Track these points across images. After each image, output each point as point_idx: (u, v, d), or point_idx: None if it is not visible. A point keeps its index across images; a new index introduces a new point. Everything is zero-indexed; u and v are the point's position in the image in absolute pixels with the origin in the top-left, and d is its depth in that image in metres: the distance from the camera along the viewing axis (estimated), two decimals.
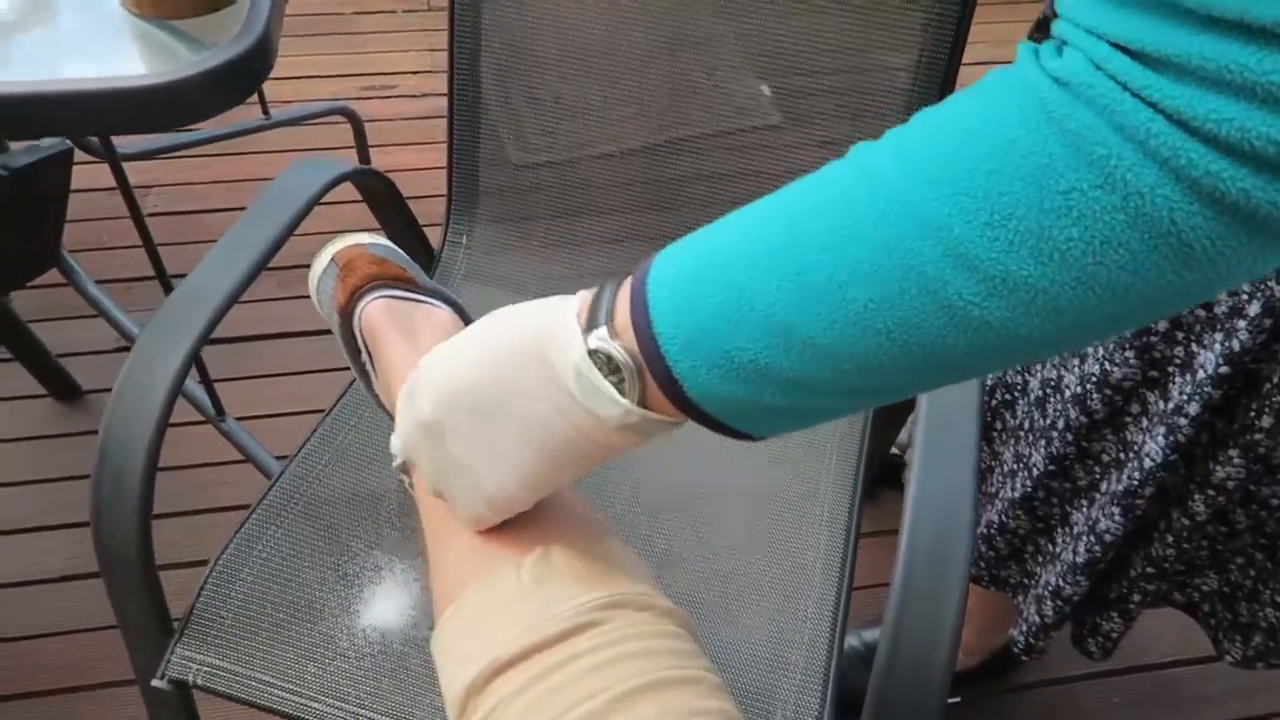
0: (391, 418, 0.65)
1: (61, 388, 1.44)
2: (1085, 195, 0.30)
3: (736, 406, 0.38)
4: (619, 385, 0.38)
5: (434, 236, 1.09)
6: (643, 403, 0.39)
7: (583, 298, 0.41)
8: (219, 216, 1.78)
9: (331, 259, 0.69)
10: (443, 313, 0.64)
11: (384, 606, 0.76)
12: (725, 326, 0.36)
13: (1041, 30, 0.79)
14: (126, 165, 1.19)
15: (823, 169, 0.36)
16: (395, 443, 0.50)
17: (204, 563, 1.25)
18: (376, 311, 0.62)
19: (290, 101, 1.91)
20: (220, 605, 0.74)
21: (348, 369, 0.68)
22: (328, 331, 0.69)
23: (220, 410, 1.21)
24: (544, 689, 0.39)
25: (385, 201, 0.95)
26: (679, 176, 1.05)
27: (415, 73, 2.11)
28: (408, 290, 0.64)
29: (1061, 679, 1.21)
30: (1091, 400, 0.76)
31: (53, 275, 1.38)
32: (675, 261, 0.38)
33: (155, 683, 0.72)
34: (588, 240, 1.06)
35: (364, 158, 1.79)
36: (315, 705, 0.70)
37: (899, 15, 0.89)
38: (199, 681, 0.72)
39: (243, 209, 1.87)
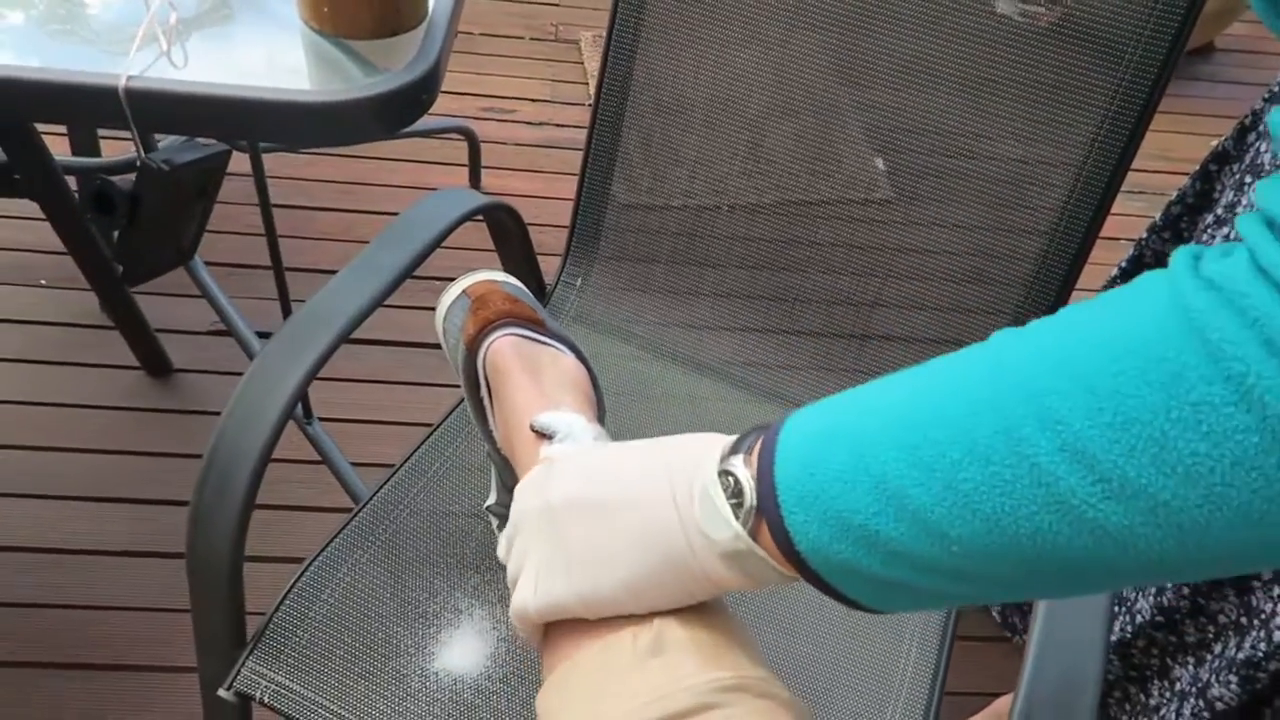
0: (496, 459, 0.64)
1: (154, 362, 1.46)
2: (1217, 410, 0.28)
3: (842, 569, 0.38)
4: (736, 510, 0.40)
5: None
6: (754, 537, 0.39)
7: (732, 437, 0.43)
8: (326, 216, 1.81)
9: (464, 291, 0.69)
10: (569, 359, 0.63)
11: (460, 652, 0.74)
12: (841, 487, 0.36)
13: (1217, 163, 0.77)
14: (237, 154, 1.21)
15: (964, 350, 0.37)
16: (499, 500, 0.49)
17: (268, 559, 1.27)
18: (505, 348, 0.62)
19: None
20: (297, 624, 0.73)
21: (435, 384, 0.67)
22: (415, 344, 0.68)
23: (309, 413, 1.21)
24: None
25: (510, 235, 0.95)
26: (790, 239, 1.04)
27: (535, 100, 2.13)
28: (538, 332, 0.63)
29: None
30: None
31: None
32: (811, 418, 0.40)
33: (222, 693, 0.71)
34: (700, 291, 1.05)
35: (475, 177, 1.81)
36: None
37: (1040, 109, 0.87)
38: (266, 699, 0.71)
39: (349, 211, 1.91)
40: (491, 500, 0.72)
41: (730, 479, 0.40)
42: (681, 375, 1.01)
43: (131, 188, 0.75)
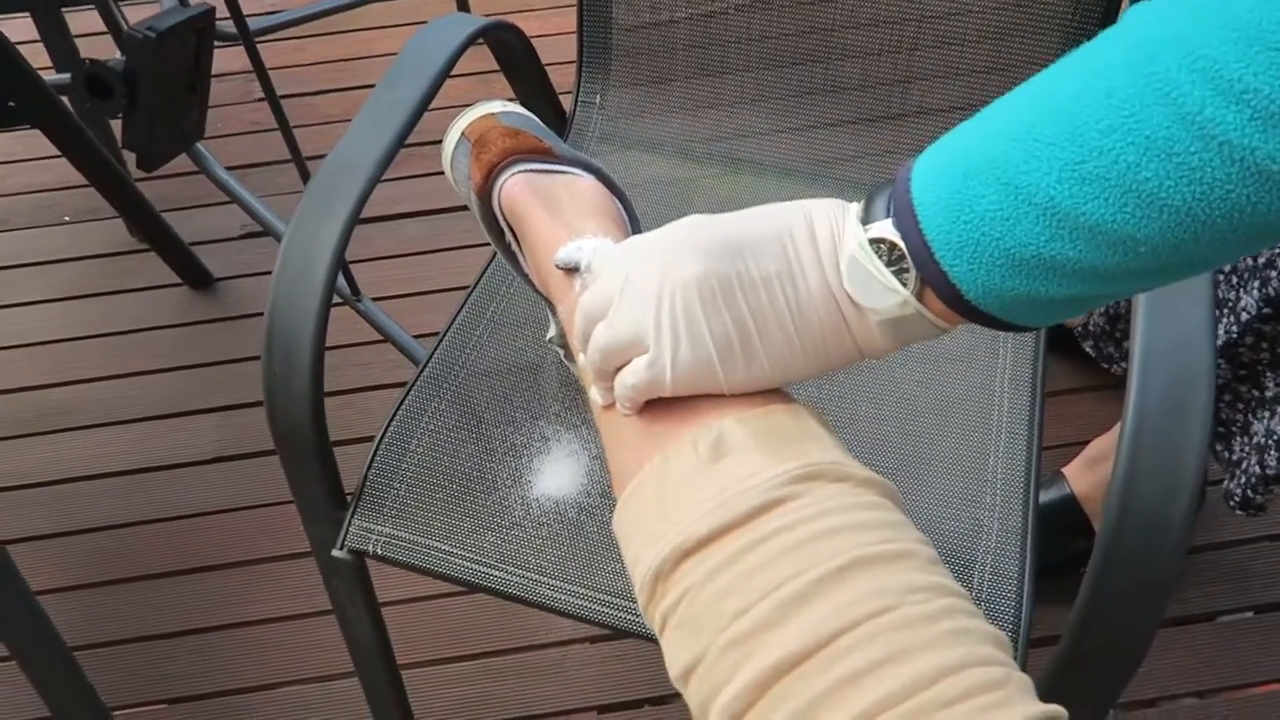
0: (542, 296, 0.62)
1: (195, 275, 1.46)
2: None
3: (1018, 303, 0.37)
4: (901, 277, 0.38)
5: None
6: (919, 298, 0.39)
7: (857, 203, 0.41)
8: (326, 98, 1.76)
9: (463, 134, 0.65)
10: (586, 181, 0.60)
11: (555, 475, 0.74)
12: (1001, 225, 0.35)
13: None
14: (224, 52, 1.16)
15: (1087, 48, 0.34)
16: (600, 291, 0.46)
17: (348, 441, 1.29)
18: (516, 188, 0.58)
19: None
20: (391, 477, 0.74)
21: (474, 245, 0.64)
22: (446, 209, 0.66)
23: (356, 290, 1.20)
24: (738, 572, 0.36)
25: (520, 59, 0.90)
26: (814, 28, 0.97)
27: None
28: (547, 162, 0.60)
29: (1230, 542, 1.16)
30: None
31: (177, 164, 1.38)
32: (937, 163, 0.38)
33: (336, 553, 0.73)
34: (727, 100, 1.00)
35: None
36: (495, 573, 0.70)
37: None
38: (379, 551, 0.72)
39: (350, 89, 1.86)
40: (552, 332, 0.71)
41: (883, 245, 0.38)
42: (722, 176, 0.97)
43: (123, 65, 0.72)
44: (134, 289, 1.50)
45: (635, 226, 0.60)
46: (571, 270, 0.51)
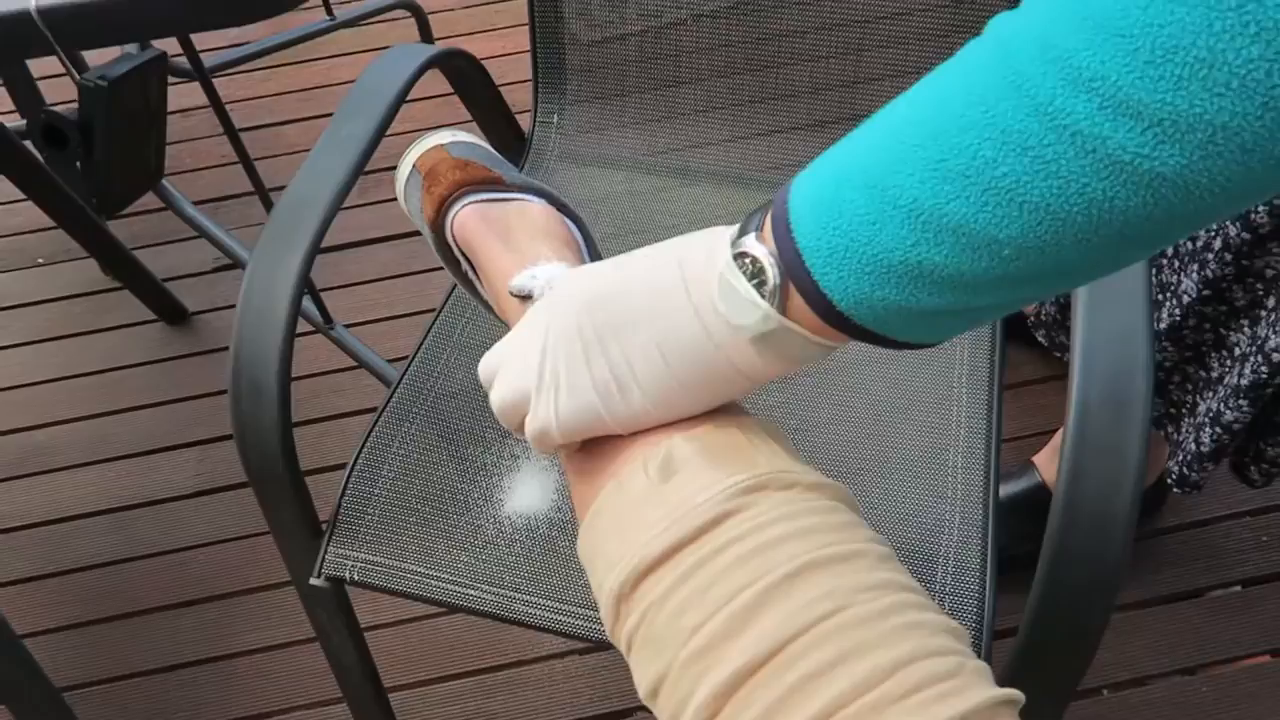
0: (502, 323, 0.63)
1: (170, 311, 1.46)
2: (1264, 6, 0.25)
3: (890, 313, 0.36)
4: (760, 290, 0.38)
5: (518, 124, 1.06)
6: (783, 312, 0.38)
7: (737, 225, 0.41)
8: (294, 128, 1.77)
9: (414, 166, 0.66)
10: (536, 206, 0.61)
11: (525, 493, 0.75)
12: (869, 229, 0.34)
13: None
14: (186, 86, 1.17)
15: (958, 53, 0.34)
16: (493, 354, 0.48)
17: (330, 468, 1.30)
18: (468, 219, 0.60)
19: (349, 1, 1.87)
20: (364, 503, 0.75)
21: (436, 269, 0.66)
22: (417, 233, 0.67)
23: (328, 318, 1.21)
24: (693, 588, 0.37)
25: (474, 85, 0.92)
26: (764, 35, 0.99)
27: None
28: (496, 190, 0.61)
29: (1202, 521, 1.18)
30: (1258, 214, 0.70)
31: (146, 201, 1.39)
32: (815, 173, 0.37)
33: (314, 581, 0.74)
34: (682, 111, 1.02)
35: None
36: (471, 592, 0.71)
37: None
38: (355, 576, 0.73)
39: (317, 117, 1.87)
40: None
41: (746, 260, 0.38)
42: (681, 188, 0.99)
43: (77, 115, 0.73)
44: (110, 327, 1.50)
45: (590, 245, 0.61)
46: (526, 297, 0.52)
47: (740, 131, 1.02)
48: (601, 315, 0.42)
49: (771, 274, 0.37)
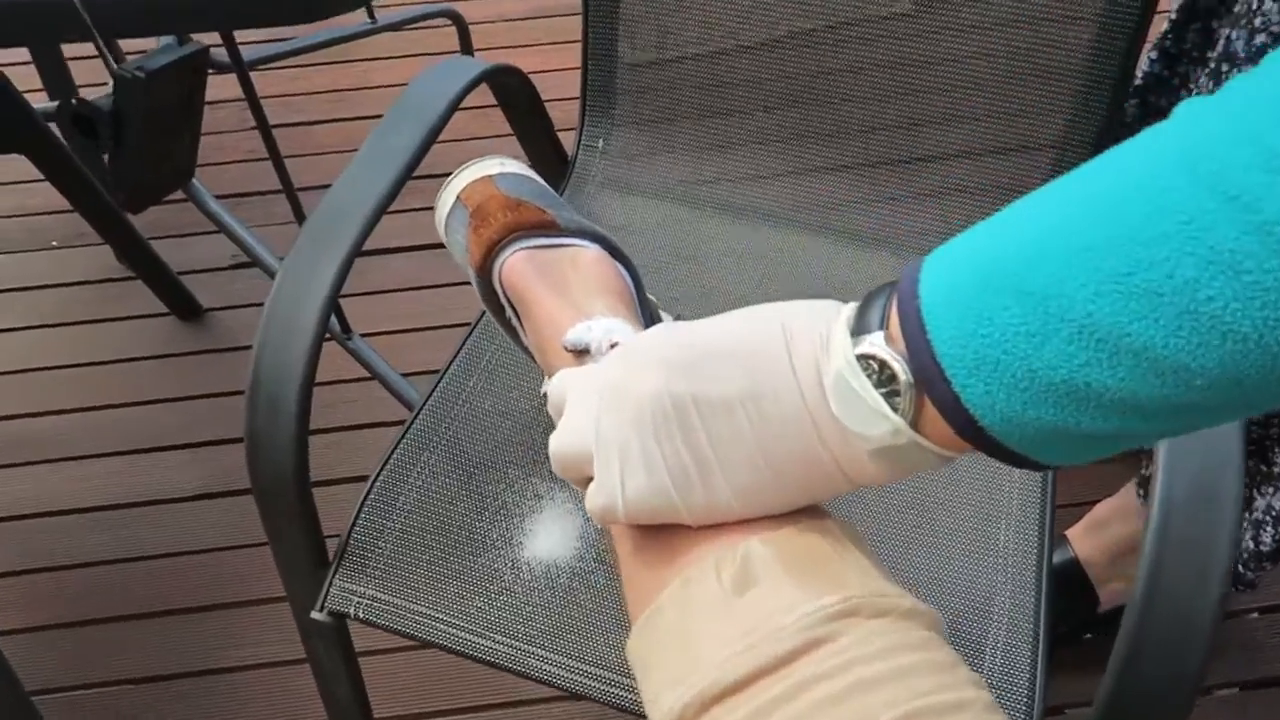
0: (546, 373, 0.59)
1: (183, 306, 1.43)
2: None
3: (1042, 435, 0.31)
4: (890, 399, 0.33)
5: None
6: (914, 426, 0.33)
7: (850, 306, 0.36)
8: (324, 129, 1.74)
9: (459, 198, 0.61)
10: (589, 253, 0.57)
11: (547, 538, 0.71)
12: (1026, 343, 0.30)
13: None
14: (215, 78, 1.14)
15: (1129, 143, 0.30)
16: (553, 384, 0.44)
17: (338, 481, 1.26)
18: (518, 265, 0.56)
19: (390, 6, 1.84)
20: (377, 535, 0.71)
21: (466, 283, 0.62)
22: (439, 245, 0.63)
23: (347, 328, 1.17)
24: None
25: (522, 102, 0.88)
26: (822, 70, 0.96)
27: None
28: (550, 236, 0.57)
29: (1265, 606, 1.13)
30: None
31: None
32: (948, 268, 0.33)
33: (315, 615, 0.69)
34: (734, 142, 0.98)
35: None
36: (483, 642, 0.67)
37: None
38: (361, 614, 0.69)
39: (349, 119, 1.84)
40: (547, 385, 0.68)
41: (873, 363, 0.34)
42: (731, 226, 0.95)
43: (110, 104, 0.69)
44: (120, 317, 1.46)
45: (641, 293, 0.58)
46: (581, 352, 0.48)
47: (789, 167, 0.98)
48: (686, 387, 0.37)
49: (905, 383, 0.33)
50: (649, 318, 0.60)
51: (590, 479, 0.40)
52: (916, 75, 0.93)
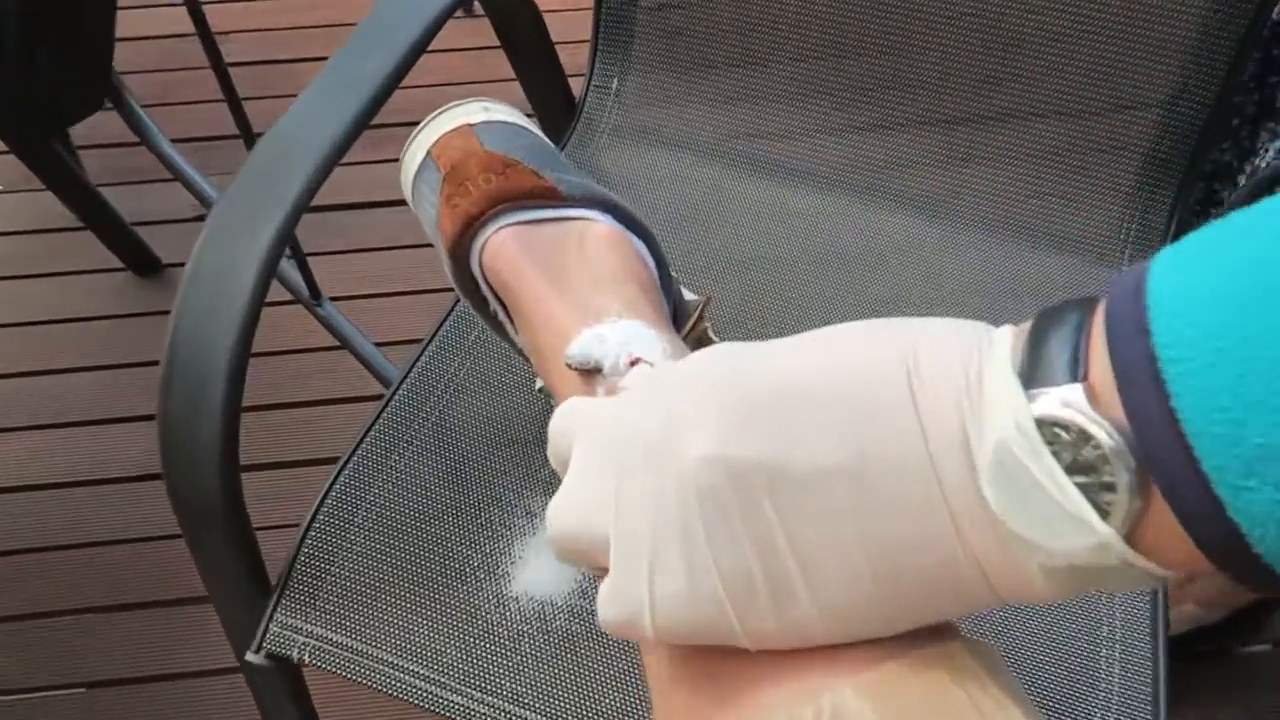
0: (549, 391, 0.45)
1: (140, 260, 1.28)
2: None
3: None
4: (1095, 494, 0.21)
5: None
6: (1130, 539, 0.21)
7: (1008, 332, 0.23)
8: (305, 67, 1.58)
9: (429, 154, 0.47)
10: (599, 227, 0.43)
11: (542, 568, 0.57)
12: None
13: None
14: (182, 10, 1.00)
15: None
16: (556, 421, 0.30)
17: (297, 464, 1.12)
18: (505, 248, 0.42)
19: None
20: (330, 557, 0.57)
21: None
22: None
23: (316, 292, 1.03)
24: None
25: (523, 32, 0.73)
26: (888, 10, 0.81)
27: None
28: (548, 205, 0.43)
29: None
30: None
31: (123, 133, 1.20)
32: (1197, 281, 0.20)
33: (251, 657, 0.56)
34: (770, 94, 0.83)
35: (466, 2, 1.56)
36: (457, 699, 0.53)
37: None
38: (306, 657, 0.55)
39: (327, 59, 1.67)
40: (543, 383, 0.54)
41: (1064, 433, 0.21)
42: (763, 185, 0.81)
43: None
44: (68, 271, 1.32)
45: (665, 282, 0.43)
46: (592, 371, 0.34)
47: (836, 124, 0.83)
48: (754, 452, 0.23)
49: (1122, 472, 0.20)
50: (674, 306, 0.46)
51: (605, 570, 0.26)
52: (1001, 22, 0.78)
